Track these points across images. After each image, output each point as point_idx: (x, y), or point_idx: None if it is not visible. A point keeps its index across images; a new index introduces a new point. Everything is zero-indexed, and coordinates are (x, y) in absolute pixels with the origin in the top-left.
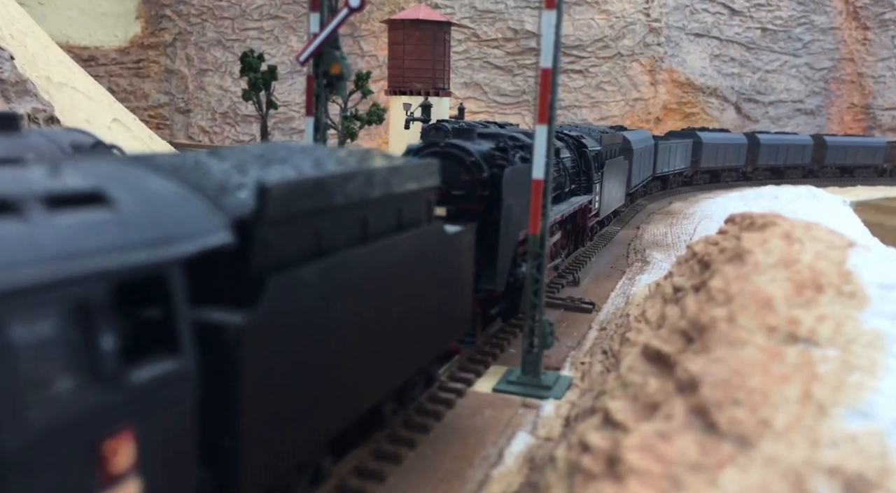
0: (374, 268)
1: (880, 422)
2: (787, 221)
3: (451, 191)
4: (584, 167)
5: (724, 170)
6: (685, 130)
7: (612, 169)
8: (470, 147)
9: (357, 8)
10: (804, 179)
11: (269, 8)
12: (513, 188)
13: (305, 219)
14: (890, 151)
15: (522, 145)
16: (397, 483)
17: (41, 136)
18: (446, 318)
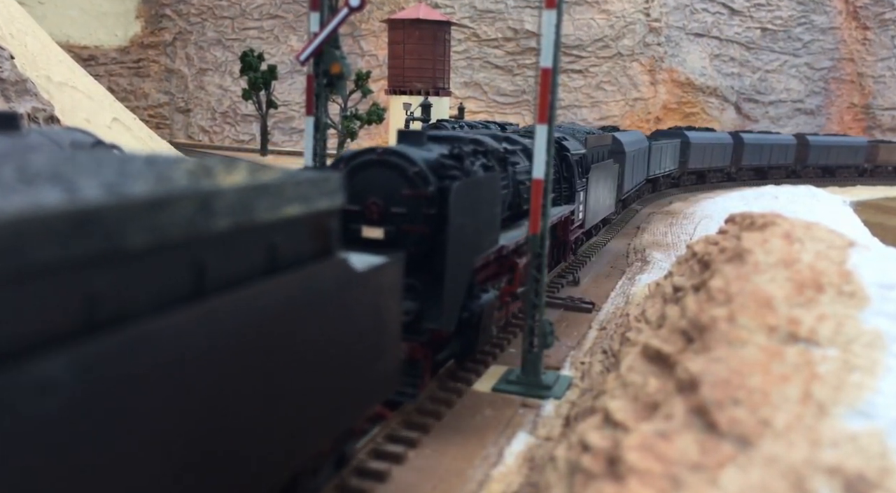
0: (214, 337)
1: (881, 422)
2: (788, 220)
3: (391, 208)
4: (566, 173)
5: (710, 171)
6: (672, 130)
7: (599, 174)
8: (413, 155)
9: (357, 7)
10: (787, 179)
11: (269, 7)
12: (466, 204)
13: (56, 275)
14: (871, 151)
15: (486, 150)
16: (397, 483)
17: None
18: (360, 380)
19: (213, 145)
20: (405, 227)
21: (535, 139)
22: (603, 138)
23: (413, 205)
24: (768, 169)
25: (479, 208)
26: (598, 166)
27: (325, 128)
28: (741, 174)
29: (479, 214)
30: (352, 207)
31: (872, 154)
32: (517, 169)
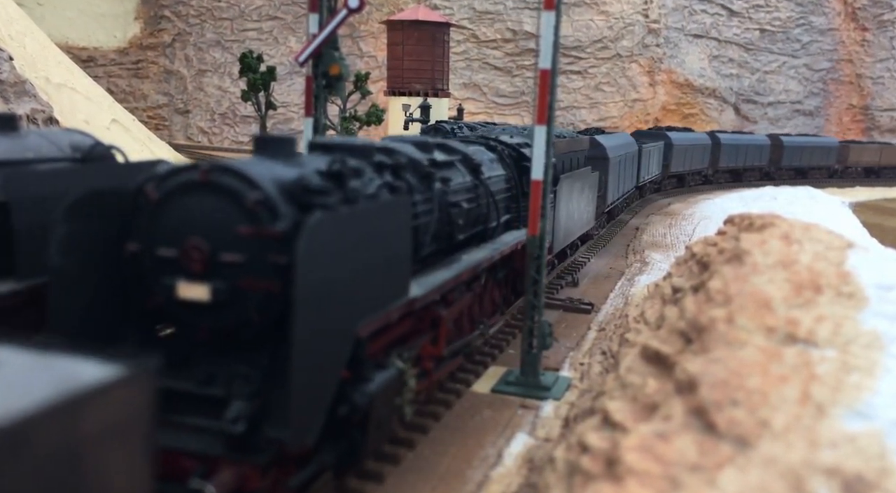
0: None
1: (879, 423)
2: (786, 221)
3: (221, 254)
4: (526, 188)
5: (690, 173)
6: (653, 131)
7: (572, 185)
8: (259, 173)
9: (356, 9)
10: (761, 181)
11: (268, 9)
12: (339, 247)
13: None
14: (841, 152)
15: (397, 164)
16: (396, 484)
17: (40, 136)
18: None
19: (213, 146)
20: (243, 282)
21: (534, 140)
22: (576, 143)
23: (254, 249)
24: (743, 171)
25: (365, 250)
26: (569, 176)
27: (324, 129)
28: (718, 177)
29: (367, 258)
30: (165, 251)
31: (843, 155)
32: (451, 187)
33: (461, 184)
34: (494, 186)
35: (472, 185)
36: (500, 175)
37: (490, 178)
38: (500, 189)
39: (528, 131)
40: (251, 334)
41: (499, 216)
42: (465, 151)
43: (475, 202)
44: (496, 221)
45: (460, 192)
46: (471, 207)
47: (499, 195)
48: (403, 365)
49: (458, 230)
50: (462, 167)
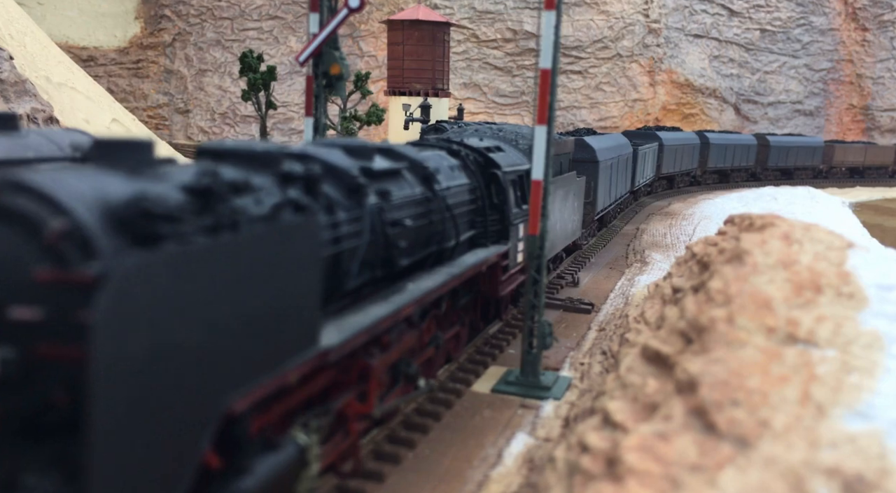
0: None
1: (879, 423)
2: (787, 222)
3: (6, 310)
4: (496, 198)
5: (680, 175)
6: (642, 131)
7: (553, 193)
8: (69, 192)
9: (356, 8)
10: (748, 183)
11: (268, 8)
12: (191, 297)
13: None
14: (826, 152)
15: (310, 176)
16: (396, 483)
17: (40, 136)
18: None
19: None
20: (42, 348)
21: (535, 140)
22: (559, 145)
23: (57, 302)
24: (731, 171)
25: (242, 294)
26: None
27: (324, 129)
28: (706, 178)
29: (245, 304)
30: None
31: (828, 155)
32: (391, 201)
33: (407, 197)
34: (454, 199)
35: (422, 198)
36: (462, 185)
37: (449, 188)
38: (462, 201)
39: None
40: (58, 419)
41: (458, 234)
42: (415, 158)
43: (426, 219)
44: (455, 239)
45: (405, 207)
46: (419, 224)
47: (460, 209)
48: (307, 440)
49: (401, 254)
50: (411, 177)
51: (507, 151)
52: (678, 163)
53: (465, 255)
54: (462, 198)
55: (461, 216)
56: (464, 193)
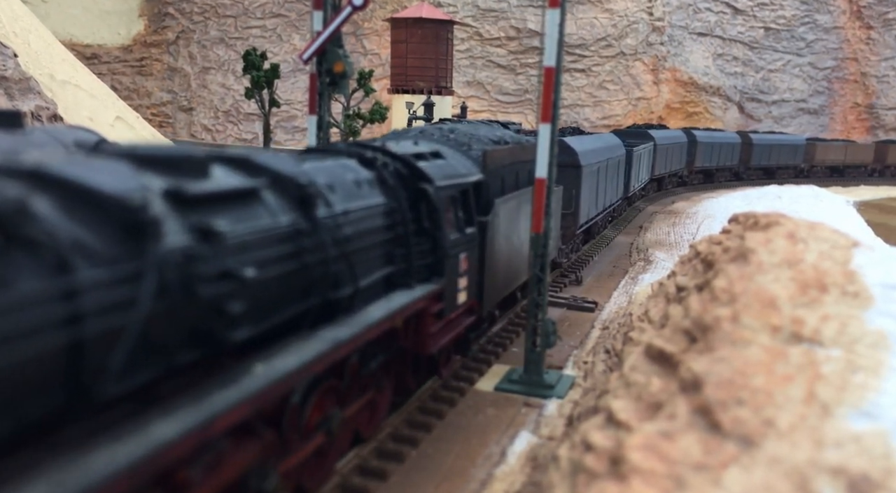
0: None
1: (885, 422)
2: (791, 220)
3: None
4: (427, 222)
5: (669, 176)
6: (633, 129)
7: (517, 210)
8: None
9: (360, 6)
10: (731, 183)
11: (271, 6)
12: None
13: None
14: (808, 150)
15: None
16: (400, 482)
17: (44, 133)
18: None
19: (216, 144)
20: None
21: (538, 139)
22: (526, 150)
23: None
24: (716, 171)
25: None
26: (514, 198)
27: (327, 127)
28: (692, 178)
29: None
30: None
31: (810, 154)
32: (222, 241)
33: (257, 232)
34: (356, 226)
35: (290, 230)
36: (371, 207)
37: (346, 213)
38: (371, 229)
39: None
40: None
41: (357, 277)
42: (285, 172)
43: (297, 261)
44: (353, 284)
45: (251, 247)
46: (283, 271)
47: (365, 240)
48: None
49: (234, 324)
50: (274, 200)
51: (448, 159)
52: (669, 163)
53: (376, 302)
54: (370, 224)
55: (367, 251)
56: (374, 218)
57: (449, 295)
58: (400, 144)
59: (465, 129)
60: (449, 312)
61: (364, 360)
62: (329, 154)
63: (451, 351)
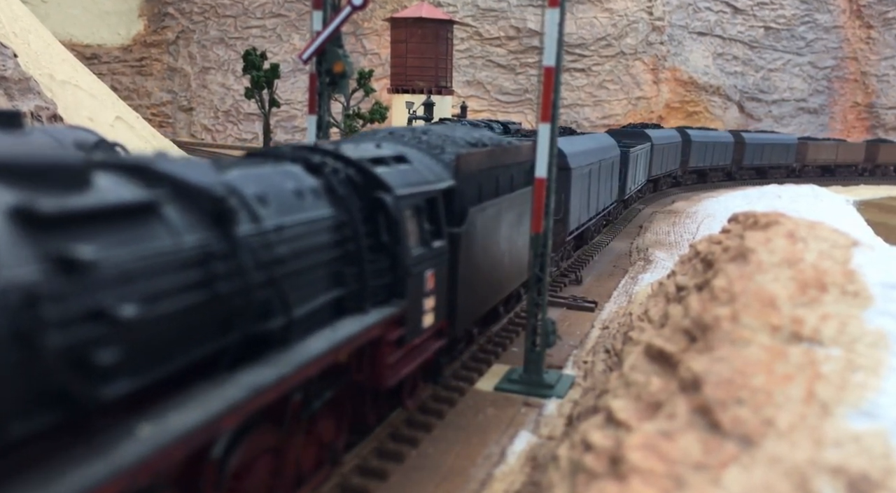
0: None
1: (884, 422)
2: (791, 220)
3: None
4: (388, 236)
5: (664, 177)
6: (629, 129)
7: (496, 221)
8: None
9: (359, 6)
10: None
11: (271, 6)
12: None
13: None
14: (800, 150)
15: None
16: (400, 482)
17: (44, 133)
18: None
19: (216, 144)
20: None
21: (538, 138)
22: (507, 152)
23: None
24: (709, 171)
25: None
26: (493, 205)
27: (327, 126)
28: (686, 179)
29: None
30: None
31: (801, 153)
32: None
33: (144, 257)
34: (293, 244)
35: (199, 253)
36: (314, 220)
37: (280, 229)
38: (312, 246)
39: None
40: None
41: (289, 308)
42: (194, 181)
43: (207, 291)
44: (285, 314)
45: (132, 279)
46: (186, 304)
47: (302, 261)
48: None
49: (99, 379)
50: (179, 215)
51: (414, 164)
52: (664, 164)
53: (320, 331)
54: (313, 241)
55: (308, 272)
56: (318, 233)
57: (412, 318)
58: (359, 147)
59: (440, 130)
60: (412, 337)
61: (308, 398)
62: (269, 159)
63: (417, 379)
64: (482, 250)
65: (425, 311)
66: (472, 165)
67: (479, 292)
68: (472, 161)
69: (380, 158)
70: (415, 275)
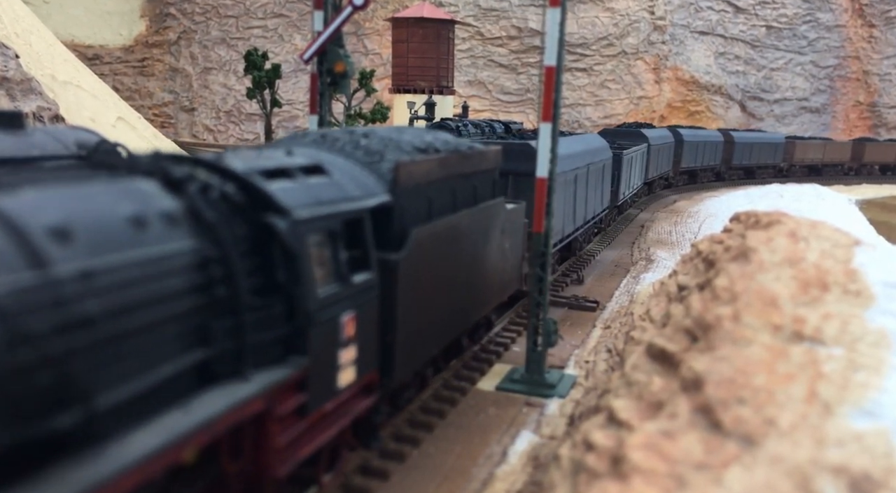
0: None
1: (886, 421)
2: (793, 219)
3: None
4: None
5: (658, 178)
6: (625, 129)
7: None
8: None
9: (361, 6)
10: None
11: (273, 6)
12: None
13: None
14: (787, 149)
15: None
16: (401, 481)
17: (46, 134)
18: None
19: (218, 144)
20: None
21: (539, 138)
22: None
23: None
24: (700, 172)
25: None
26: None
27: (328, 127)
28: (677, 180)
29: None
30: None
31: (789, 152)
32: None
33: None
34: (113, 297)
35: None
36: (161, 259)
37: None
38: (155, 296)
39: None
40: None
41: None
42: None
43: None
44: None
45: None
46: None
47: (133, 318)
48: None
49: None
50: None
51: (333, 176)
52: (660, 166)
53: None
54: (154, 287)
55: (141, 333)
56: (165, 276)
57: (318, 379)
58: (261, 154)
59: (384, 133)
60: (319, 403)
61: None
62: (103, 172)
63: (341, 448)
64: (433, 276)
65: (341, 366)
66: (418, 176)
67: (431, 328)
68: (418, 171)
69: (280, 170)
70: (323, 322)
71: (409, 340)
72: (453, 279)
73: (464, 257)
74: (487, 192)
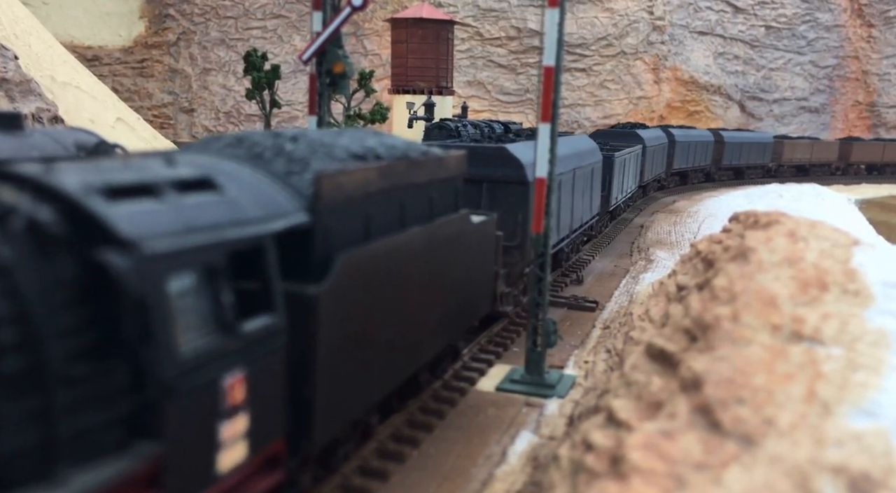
0: None
1: (885, 421)
2: (792, 219)
3: None
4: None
5: (651, 181)
6: (619, 129)
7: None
8: None
9: (359, 7)
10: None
11: (272, 7)
12: None
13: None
14: (776, 149)
15: None
16: (401, 482)
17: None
18: None
19: None
20: None
21: (538, 138)
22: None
23: None
24: (691, 172)
25: None
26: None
27: (328, 127)
28: (669, 181)
29: None
30: None
31: (777, 152)
32: None
33: None
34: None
35: None
36: None
37: None
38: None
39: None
40: None
41: None
42: None
43: None
44: None
45: None
46: None
47: None
48: None
49: None
50: None
51: (224, 192)
52: (654, 168)
53: None
54: None
55: None
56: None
57: (181, 469)
58: (124, 164)
59: (315, 136)
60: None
61: None
62: None
63: None
64: (372, 308)
65: (223, 443)
66: (349, 189)
67: (372, 369)
68: (349, 183)
69: (138, 187)
70: (189, 391)
71: (338, 389)
72: (401, 309)
73: (415, 282)
74: (448, 204)
